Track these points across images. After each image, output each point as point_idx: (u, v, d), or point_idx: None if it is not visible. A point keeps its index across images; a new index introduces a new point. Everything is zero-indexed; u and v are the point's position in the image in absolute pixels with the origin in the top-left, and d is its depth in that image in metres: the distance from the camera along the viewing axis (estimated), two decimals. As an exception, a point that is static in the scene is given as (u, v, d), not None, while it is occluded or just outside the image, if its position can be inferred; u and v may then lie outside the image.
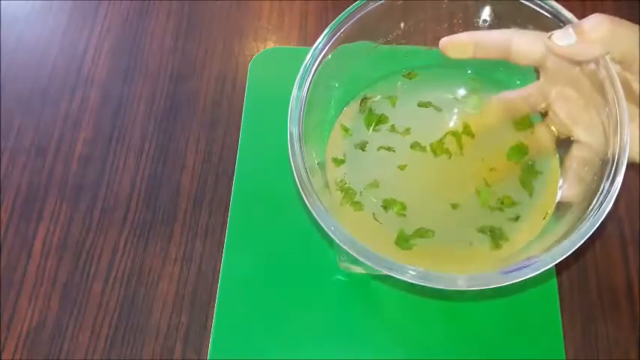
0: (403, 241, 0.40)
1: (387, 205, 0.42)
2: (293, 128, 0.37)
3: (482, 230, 0.41)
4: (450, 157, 0.43)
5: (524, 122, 0.44)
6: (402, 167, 0.43)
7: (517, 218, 0.41)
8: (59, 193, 0.56)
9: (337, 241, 0.35)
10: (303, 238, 0.53)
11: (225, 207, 0.55)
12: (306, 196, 0.36)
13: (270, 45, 0.63)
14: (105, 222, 0.55)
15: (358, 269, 0.49)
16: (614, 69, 0.36)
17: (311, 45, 0.41)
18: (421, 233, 0.41)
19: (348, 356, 0.49)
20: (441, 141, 0.43)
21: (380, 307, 0.51)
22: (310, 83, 0.39)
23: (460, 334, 0.50)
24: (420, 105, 0.45)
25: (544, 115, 0.43)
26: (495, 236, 0.40)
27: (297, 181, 0.36)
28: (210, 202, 0.55)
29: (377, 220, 0.41)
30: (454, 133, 0.44)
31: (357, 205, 0.42)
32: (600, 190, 0.35)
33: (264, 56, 0.61)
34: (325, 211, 0.35)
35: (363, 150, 0.44)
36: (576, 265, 0.53)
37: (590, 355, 0.49)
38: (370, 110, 0.45)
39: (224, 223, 0.54)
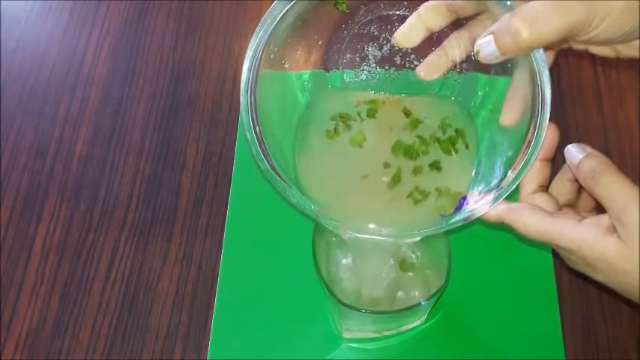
0: None
1: None
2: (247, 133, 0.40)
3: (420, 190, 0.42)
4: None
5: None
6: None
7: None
8: (59, 193, 0.56)
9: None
10: (303, 235, 0.52)
11: (225, 207, 0.55)
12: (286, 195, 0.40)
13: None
14: (105, 222, 0.55)
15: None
16: None
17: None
18: None
19: None
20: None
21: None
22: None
23: (461, 335, 0.50)
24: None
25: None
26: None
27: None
28: (210, 202, 0.55)
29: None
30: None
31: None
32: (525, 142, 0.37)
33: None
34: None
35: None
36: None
37: (590, 355, 0.49)
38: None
39: (224, 223, 0.54)
